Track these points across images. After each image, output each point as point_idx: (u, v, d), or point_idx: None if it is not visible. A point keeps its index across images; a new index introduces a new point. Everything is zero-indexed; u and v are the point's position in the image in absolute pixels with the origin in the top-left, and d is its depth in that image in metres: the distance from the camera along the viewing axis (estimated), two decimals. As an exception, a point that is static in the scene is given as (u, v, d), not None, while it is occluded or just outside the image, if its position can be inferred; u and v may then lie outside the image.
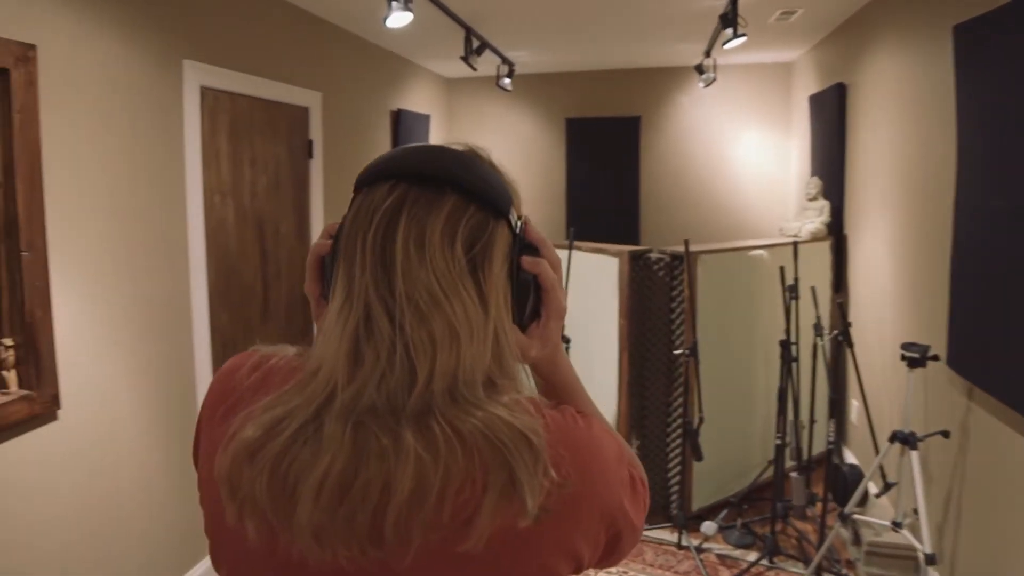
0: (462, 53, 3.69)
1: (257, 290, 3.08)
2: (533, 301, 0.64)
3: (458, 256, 0.58)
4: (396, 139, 4.72)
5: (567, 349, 3.25)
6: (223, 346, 2.80)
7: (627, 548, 0.68)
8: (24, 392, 1.96)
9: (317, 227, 3.50)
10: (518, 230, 0.64)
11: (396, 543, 0.53)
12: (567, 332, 3.26)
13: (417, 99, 5.17)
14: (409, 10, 2.61)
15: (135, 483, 2.30)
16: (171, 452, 2.48)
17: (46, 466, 2.01)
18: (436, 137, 5.58)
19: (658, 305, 3.26)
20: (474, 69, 3.71)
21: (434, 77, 5.56)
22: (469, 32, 3.59)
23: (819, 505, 2.93)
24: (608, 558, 0.67)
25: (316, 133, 3.55)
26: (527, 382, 0.67)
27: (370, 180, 0.62)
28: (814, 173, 4.16)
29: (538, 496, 0.54)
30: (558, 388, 0.73)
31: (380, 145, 4.53)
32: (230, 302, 2.89)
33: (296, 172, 3.39)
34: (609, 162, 5.61)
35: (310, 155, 3.51)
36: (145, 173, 2.36)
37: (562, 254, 3.39)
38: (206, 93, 2.64)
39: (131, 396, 2.31)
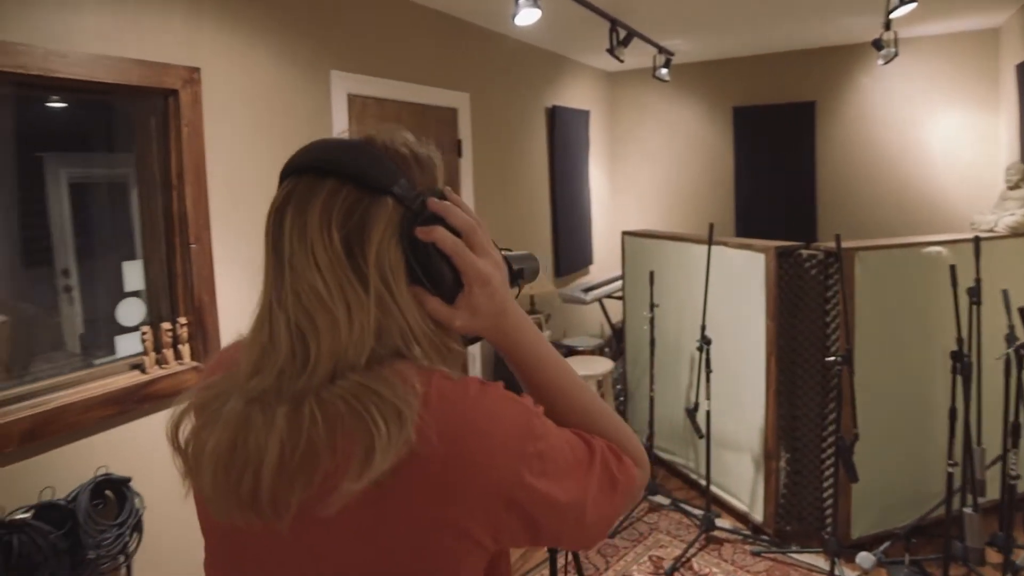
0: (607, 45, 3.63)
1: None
2: (451, 271, 0.64)
3: (334, 239, 0.60)
4: (552, 136, 4.76)
5: (707, 350, 3.07)
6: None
7: (568, 530, 0.64)
8: (195, 364, 2.30)
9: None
10: (415, 204, 0.64)
11: (274, 508, 0.58)
12: (708, 332, 3.09)
13: (574, 95, 5.17)
14: (537, 7, 2.63)
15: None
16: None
17: (211, 429, 2.33)
18: (596, 133, 5.55)
19: (810, 306, 2.97)
20: (620, 61, 3.63)
21: (593, 72, 5.53)
22: (613, 23, 3.52)
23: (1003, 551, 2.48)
24: (538, 541, 0.64)
25: (465, 133, 3.70)
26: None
27: (280, 180, 0.67)
28: (1023, 157, 3.52)
29: (387, 462, 0.54)
30: (515, 358, 0.72)
31: (535, 142, 4.60)
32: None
33: (446, 171, 3.56)
34: (781, 152, 5.19)
35: (459, 154, 3.67)
36: (298, 175, 2.62)
37: (700, 250, 3.22)
38: (353, 100, 2.87)
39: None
